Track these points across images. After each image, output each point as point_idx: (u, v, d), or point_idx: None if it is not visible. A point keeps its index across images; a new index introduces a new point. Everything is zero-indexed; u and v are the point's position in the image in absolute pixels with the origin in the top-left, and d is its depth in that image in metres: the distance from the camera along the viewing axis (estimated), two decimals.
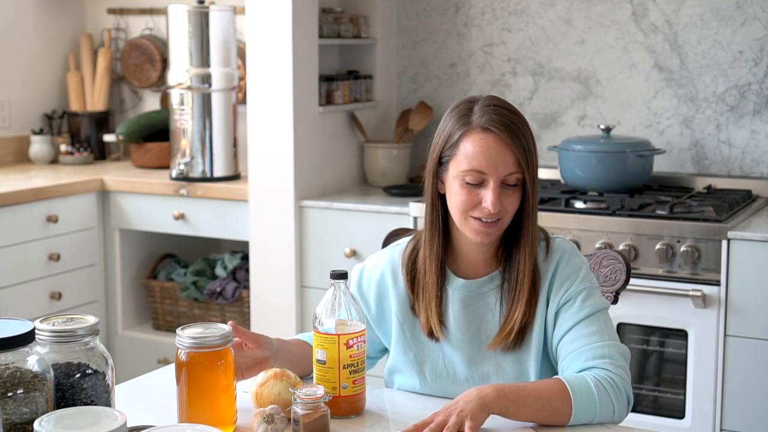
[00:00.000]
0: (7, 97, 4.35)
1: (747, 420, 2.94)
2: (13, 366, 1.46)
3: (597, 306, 1.81)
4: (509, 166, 1.77)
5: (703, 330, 2.96)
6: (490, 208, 1.77)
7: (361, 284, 1.96)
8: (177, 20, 3.83)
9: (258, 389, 1.73)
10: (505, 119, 1.78)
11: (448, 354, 1.88)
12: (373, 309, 1.95)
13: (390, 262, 1.94)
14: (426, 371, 1.90)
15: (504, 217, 1.80)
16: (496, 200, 1.77)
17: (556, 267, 1.84)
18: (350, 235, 3.46)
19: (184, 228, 3.88)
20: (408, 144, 3.87)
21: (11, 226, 3.62)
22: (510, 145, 1.77)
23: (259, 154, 3.56)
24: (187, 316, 4.02)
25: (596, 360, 1.75)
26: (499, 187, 1.77)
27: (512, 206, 1.80)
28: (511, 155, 1.77)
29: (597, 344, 1.77)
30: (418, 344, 1.90)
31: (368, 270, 1.96)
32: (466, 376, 1.87)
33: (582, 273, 1.84)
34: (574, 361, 1.77)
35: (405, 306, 1.91)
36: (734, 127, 3.50)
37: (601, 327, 1.79)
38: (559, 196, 3.26)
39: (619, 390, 1.72)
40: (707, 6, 3.49)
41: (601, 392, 1.70)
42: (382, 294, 1.94)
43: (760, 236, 2.87)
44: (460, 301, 1.87)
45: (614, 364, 1.74)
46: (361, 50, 3.94)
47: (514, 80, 3.81)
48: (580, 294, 1.82)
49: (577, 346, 1.78)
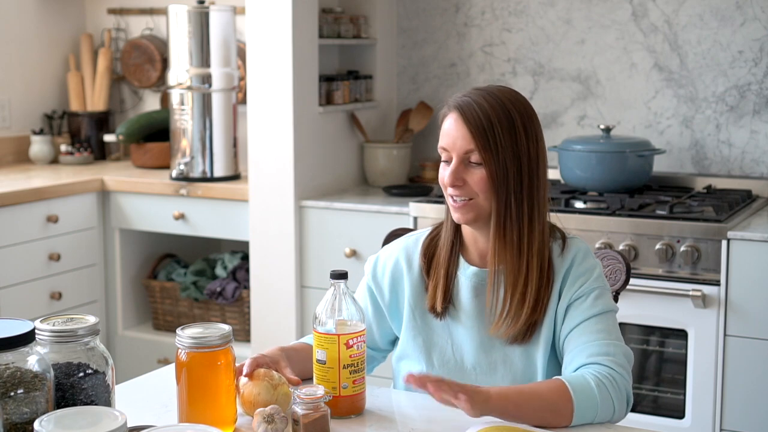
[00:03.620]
0: (7, 97, 4.35)
1: (747, 420, 2.94)
2: (13, 366, 1.46)
3: (607, 307, 1.83)
4: (465, 143, 1.83)
5: (703, 330, 2.96)
6: (446, 181, 1.85)
7: (376, 272, 1.99)
8: (177, 20, 3.83)
9: (241, 388, 1.73)
10: (471, 100, 1.84)
11: (457, 341, 1.89)
12: (387, 296, 1.96)
13: (405, 250, 1.97)
14: (434, 357, 1.91)
15: (475, 198, 1.84)
16: (451, 173, 1.84)
17: (572, 263, 1.86)
18: (350, 235, 3.46)
19: (184, 228, 3.88)
20: (408, 144, 3.87)
21: (11, 226, 3.62)
22: (467, 124, 1.83)
23: (259, 154, 3.56)
24: (187, 316, 4.02)
25: (599, 357, 1.76)
26: (459, 163, 1.84)
27: (477, 185, 1.83)
28: (467, 133, 1.83)
29: (602, 342, 1.78)
30: (428, 330, 1.92)
31: (383, 258, 1.99)
32: (473, 364, 1.88)
33: (596, 273, 1.86)
34: (578, 357, 1.78)
35: (418, 291, 1.93)
36: (734, 127, 3.50)
37: (608, 327, 1.81)
38: (559, 196, 3.26)
39: (620, 388, 1.73)
40: (707, 6, 3.49)
41: (602, 391, 1.71)
42: (396, 280, 1.96)
43: (760, 236, 2.87)
44: (472, 289, 1.89)
45: (617, 363, 1.75)
46: (361, 50, 3.94)
47: (514, 80, 3.81)
48: (593, 292, 1.83)
49: (582, 341, 1.79)
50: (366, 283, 2.00)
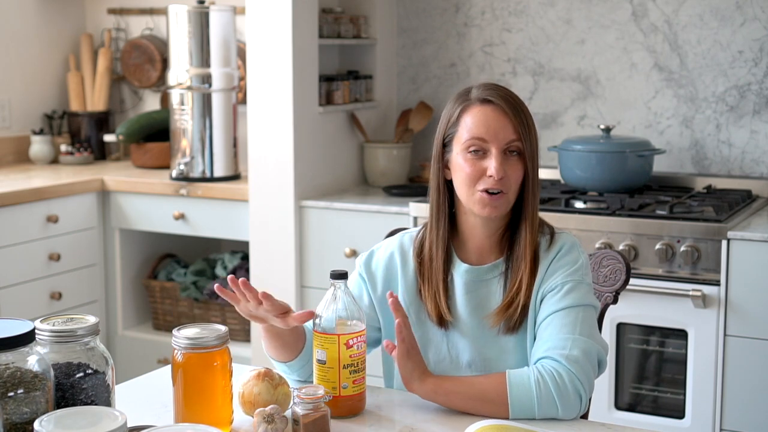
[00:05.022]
0: (7, 97, 4.35)
1: (747, 420, 2.94)
2: (13, 366, 1.46)
3: (579, 300, 1.81)
4: (509, 134, 1.82)
5: (703, 330, 2.96)
6: (495, 174, 1.80)
7: (370, 265, 1.97)
8: (177, 20, 3.83)
9: (240, 388, 1.73)
10: (503, 92, 1.86)
11: (452, 339, 1.90)
12: (380, 290, 1.95)
13: (400, 247, 1.96)
14: (429, 355, 1.91)
15: (509, 191, 1.83)
16: (500, 166, 1.81)
17: (555, 255, 1.86)
18: (350, 235, 3.46)
19: (184, 228, 3.88)
20: (408, 144, 3.87)
21: (11, 226, 3.62)
22: (509, 114, 1.83)
23: (259, 154, 3.56)
24: (187, 316, 4.03)
25: (554, 351, 1.75)
26: (501, 154, 1.82)
27: (515, 176, 1.83)
28: (509, 123, 1.82)
29: (562, 336, 1.77)
30: (422, 328, 1.91)
31: (377, 253, 1.98)
32: (468, 361, 1.88)
33: (576, 266, 1.85)
34: (538, 349, 1.79)
35: (412, 289, 1.93)
36: (734, 127, 3.50)
37: (575, 321, 1.79)
38: (559, 196, 3.26)
39: (564, 386, 1.71)
40: (707, 6, 3.49)
41: (541, 389, 1.70)
42: (390, 276, 1.95)
43: (760, 236, 2.87)
44: (465, 286, 1.89)
45: (569, 359, 1.73)
46: (361, 50, 3.94)
47: (514, 80, 3.81)
48: (566, 285, 1.82)
49: (545, 334, 1.79)
50: (357, 275, 1.98)
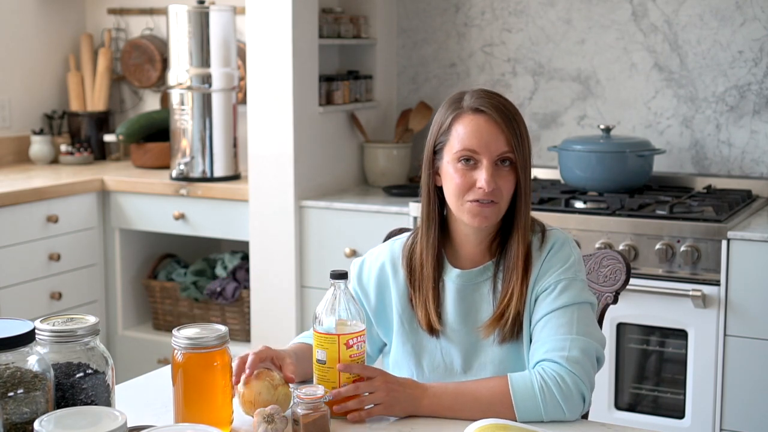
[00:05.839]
0: (7, 97, 4.35)
1: (747, 420, 2.94)
2: (13, 366, 1.46)
3: (574, 299, 1.80)
4: (501, 146, 1.80)
5: (703, 330, 2.96)
6: (485, 186, 1.78)
7: (362, 276, 1.96)
8: (177, 20, 3.83)
9: (241, 388, 1.73)
10: (496, 102, 1.82)
11: (446, 346, 1.88)
12: (373, 301, 1.94)
13: (390, 255, 1.95)
14: (424, 363, 1.90)
15: (500, 201, 1.81)
16: (490, 178, 1.78)
17: (547, 254, 1.84)
18: (350, 235, 3.46)
19: (184, 228, 3.88)
20: (408, 144, 3.87)
21: (11, 226, 3.62)
22: (501, 125, 1.80)
23: (259, 154, 3.56)
24: (187, 316, 4.02)
25: (554, 353, 1.74)
26: (492, 166, 1.79)
27: (507, 187, 1.81)
28: (502, 135, 1.80)
29: (560, 337, 1.76)
30: (416, 336, 1.90)
31: (368, 262, 1.97)
32: (463, 367, 1.87)
33: (568, 264, 1.83)
34: (537, 351, 1.77)
35: (404, 298, 1.91)
36: (734, 127, 3.50)
37: (571, 320, 1.77)
38: (559, 196, 3.26)
39: (568, 388, 1.71)
40: (707, 6, 3.49)
41: (545, 394, 1.70)
42: (382, 286, 1.94)
43: (759, 236, 2.87)
44: (456, 292, 1.88)
45: (569, 360, 1.73)
46: (361, 50, 3.94)
47: (514, 80, 3.81)
48: (559, 283, 1.81)
49: (542, 336, 1.78)
50: (351, 288, 1.96)
